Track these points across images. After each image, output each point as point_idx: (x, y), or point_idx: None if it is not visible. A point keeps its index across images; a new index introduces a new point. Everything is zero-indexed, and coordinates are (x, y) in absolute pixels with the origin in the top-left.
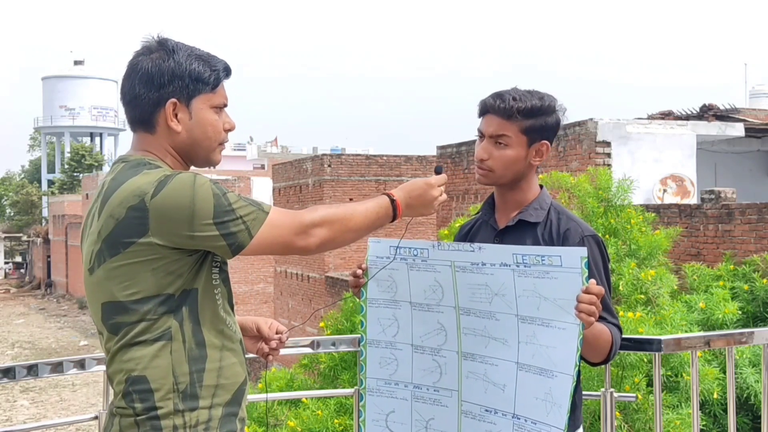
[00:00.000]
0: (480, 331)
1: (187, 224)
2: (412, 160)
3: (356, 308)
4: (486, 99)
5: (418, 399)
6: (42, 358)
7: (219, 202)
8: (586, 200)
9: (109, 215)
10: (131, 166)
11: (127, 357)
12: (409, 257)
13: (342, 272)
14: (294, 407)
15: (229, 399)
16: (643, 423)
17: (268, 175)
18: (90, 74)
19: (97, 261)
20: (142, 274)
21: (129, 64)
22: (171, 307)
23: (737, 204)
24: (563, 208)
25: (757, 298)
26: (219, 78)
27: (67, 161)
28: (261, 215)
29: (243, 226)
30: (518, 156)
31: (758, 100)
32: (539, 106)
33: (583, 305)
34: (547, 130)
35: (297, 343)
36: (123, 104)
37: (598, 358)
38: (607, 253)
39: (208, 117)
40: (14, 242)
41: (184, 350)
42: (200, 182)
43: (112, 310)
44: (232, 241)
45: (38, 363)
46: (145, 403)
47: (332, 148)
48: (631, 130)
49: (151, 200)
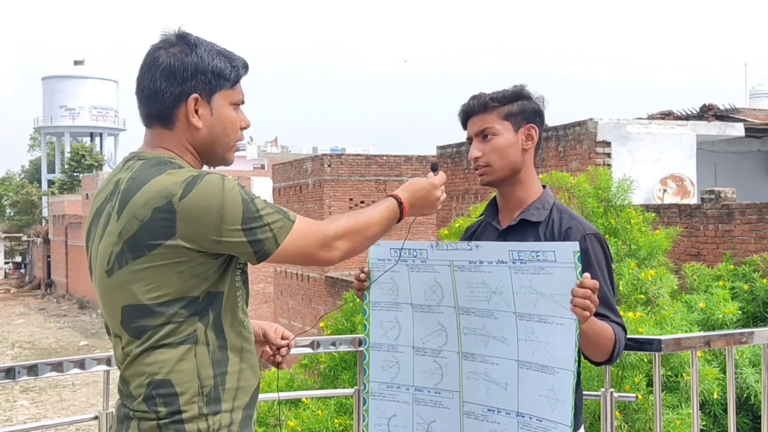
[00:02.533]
0: (479, 330)
1: (214, 229)
2: (412, 160)
3: (356, 308)
4: (463, 104)
5: (419, 402)
6: (42, 358)
7: (247, 208)
8: (586, 200)
9: (132, 216)
10: (152, 164)
11: (150, 360)
12: (409, 258)
13: (342, 272)
14: (294, 407)
15: (247, 402)
16: (643, 423)
17: (268, 175)
18: (90, 74)
19: (118, 263)
20: (168, 277)
21: (148, 57)
22: (196, 310)
23: (737, 204)
24: (566, 208)
25: (757, 298)
26: (239, 74)
27: (67, 161)
28: (288, 224)
29: (270, 234)
30: (508, 142)
31: (758, 100)
32: (512, 91)
33: (578, 299)
34: (529, 113)
35: (297, 343)
36: (140, 98)
37: (600, 356)
38: (609, 251)
39: (229, 114)
40: (14, 242)
41: (209, 353)
42: (229, 186)
43: (135, 313)
44: (258, 248)
45: (38, 363)
46: (170, 407)
47: (332, 148)
48: (631, 130)
49: (179, 202)
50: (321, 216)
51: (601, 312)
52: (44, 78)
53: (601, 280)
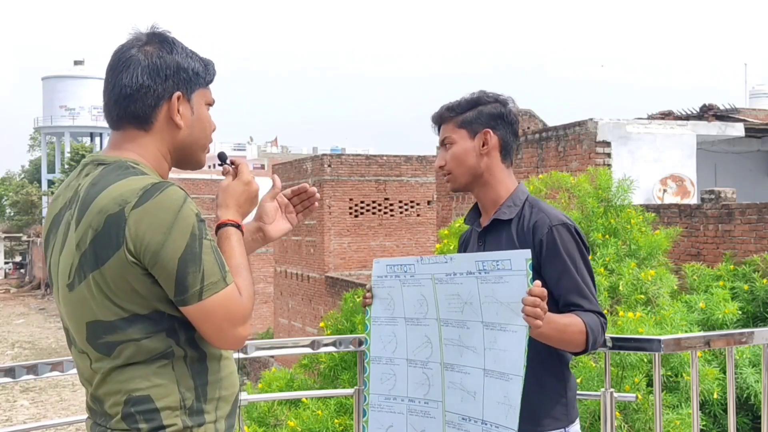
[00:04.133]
0: (456, 340)
1: (153, 249)
2: (412, 160)
3: (356, 308)
4: (431, 116)
5: (412, 412)
6: (42, 358)
7: (192, 244)
8: (586, 200)
9: (88, 225)
10: (112, 169)
11: (125, 377)
12: (401, 274)
13: (342, 272)
14: (294, 407)
15: (229, 411)
16: (643, 423)
17: (268, 175)
18: (90, 74)
19: (77, 277)
20: (127, 293)
21: (121, 56)
22: (164, 325)
23: (737, 204)
24: (538, 201)
25: (757, 298)
26: (213, 74)
27: (67, 161)
28: (220, 284)
29: (198, 286)
30: (464, 149)
31: (758, 100)
32: (468, 99)
33: (527, 308)
34: (485, 117)
35: (297, 343)
36: (115, 99)
37: (574, 348)
38: (582, 238)
39: (205, 113)
40: (14, 242)
41: (186, 365)
42: (187, 211)
43: (100, 329)
44: (181, 291)
45: (38, 363)
46: (151, 423)
47: (332, 148)
48: (631, 130)
49: (131, 210)
50: (321, 216)
51: (574, 301)
52: (44, 78)
53: (571, 268)
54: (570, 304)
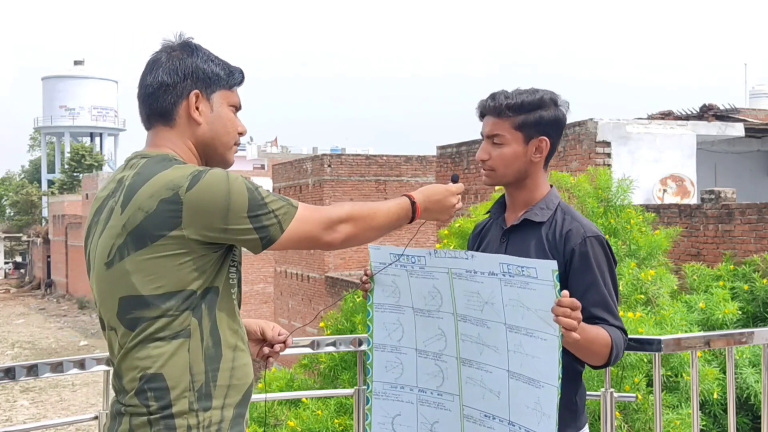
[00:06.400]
0: (475, 338)
1: (221, 217)
2: (412, 160)
3: (356, 308)
4: (481, 101)
5: (423, 402)
6: (42, 358)
7: (252, 196)
8: (586, 200)
9: (137, 208)
10: (156, 161)
11: (144, 354)
12: (408, 265)
13: (342, 272)
14: (294, 407)
15: (239, 400)
16: (643, 423)
17: (268, 175)
18: (90, 74)
19: (119, 254)
20: (168, 269)
21: (150, 60)
22: (192, 304)
23: (737, 204)
24: (570, 209)
25: (757, 298)
26: (236, 78)
27: (67, 161)
28: (291, 210)
29: (275, 220)
30: (515, 153)
31: (758, 100)
32: (530, 100)
33: (564, 319)
34: (544, 124)
35: (297, 343)
36: (142, 98)
37: (597, 362)
38: (612, 253)
39: (227, 112)
40: (14, 242)
41: (201, 348)
42: (234, 177)
43: (132, 304)
44: (264, 234)
45: (38, 363)
46: (161, 402)
47: (332, 148)
48: (631, 130)
49: (186, 193)
50: None
51: (600, 315)
52: (44, 78)
53: (600, 282)
54: (595, 317)
